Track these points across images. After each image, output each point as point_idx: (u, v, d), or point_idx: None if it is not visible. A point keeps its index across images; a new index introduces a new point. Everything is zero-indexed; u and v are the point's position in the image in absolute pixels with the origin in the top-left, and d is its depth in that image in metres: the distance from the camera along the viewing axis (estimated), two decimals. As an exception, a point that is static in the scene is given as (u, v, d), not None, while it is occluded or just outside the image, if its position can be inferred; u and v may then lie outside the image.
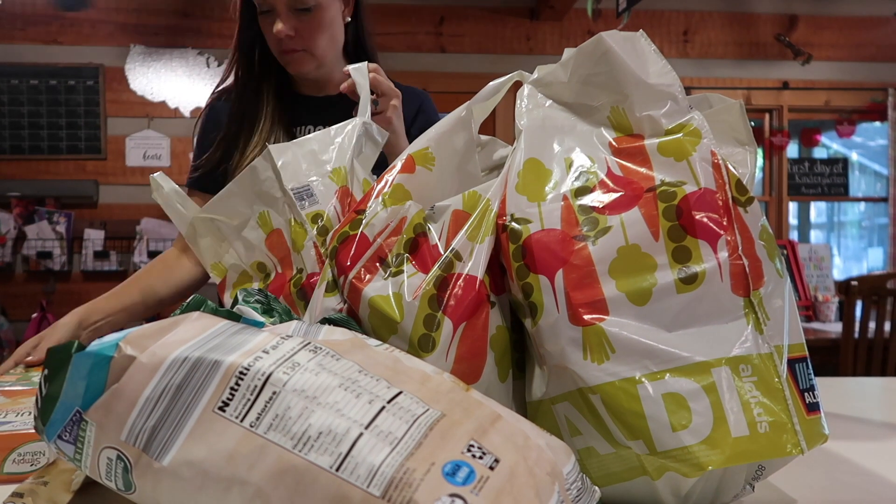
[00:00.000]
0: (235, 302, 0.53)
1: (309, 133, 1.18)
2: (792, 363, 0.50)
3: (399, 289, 0.53)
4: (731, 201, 0.51)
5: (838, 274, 5.41)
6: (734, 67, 3.90)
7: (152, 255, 3.54)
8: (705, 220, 0.50)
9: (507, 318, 0.56)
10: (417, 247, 0.56)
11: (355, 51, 1.26)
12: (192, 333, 0.41)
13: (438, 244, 0.56)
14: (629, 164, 0.55)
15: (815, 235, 6.15)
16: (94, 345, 0.40)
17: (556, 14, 3.71)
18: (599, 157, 0.56)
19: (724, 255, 0.49)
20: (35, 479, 0.50)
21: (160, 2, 3.60)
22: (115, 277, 3.54)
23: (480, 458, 0.36)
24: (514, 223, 0.53)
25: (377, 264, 0.56)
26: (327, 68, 1.22)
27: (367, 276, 0.55)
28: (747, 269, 0.50)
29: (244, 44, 1.23)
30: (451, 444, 0.36)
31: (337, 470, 0.34)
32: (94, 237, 3.54)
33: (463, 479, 0.34)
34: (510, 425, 0.40)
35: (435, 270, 0.53)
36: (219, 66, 3.61)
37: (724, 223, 0.50)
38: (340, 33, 1.20)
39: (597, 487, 0.43)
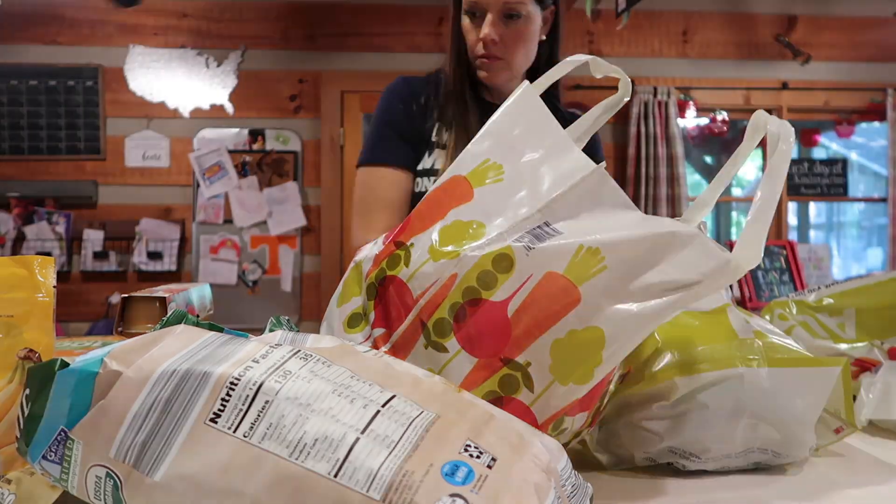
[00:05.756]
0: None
1: None
2: None
3: (441, 371, 0.47)
4: None
5: (838, 274, 5.41)
6: (733, 68, 3.90)
7: (151, 255, 3.54)
8: None
9: None
10: (465, 316, 0.47)
11: (545, 72, 1.22)
12: (178, 346, 0.41)
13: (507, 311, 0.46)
14: None
15: (815, 236, 6.15)
16: (78, 361, 0.40)
17: (556, 14, 3.71)
18: None
19: None
20: (26, 469, 0.50)
21: (160, 2, 3.60)
22: (115, 278, 3.54)
23: (478, 457, 0.36)
24: None
25: (418, 327, 0.49)
26: (515, 84, 1.19)
27: (405, 345, 0.48)
28: None
29: (456, 46, 1.20)
30: (447, 444, 0.36)
31: (335, 476, 0.34)
32: (94, 237, 3.54)
33: (462, 479, 0.34)
34: (503, 424, 0.40)
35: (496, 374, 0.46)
36: (218, 66, 3.61)
37: None
38: (535, 50, 1.18)
39: (589, 484, 0.43)
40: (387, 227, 1.13)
